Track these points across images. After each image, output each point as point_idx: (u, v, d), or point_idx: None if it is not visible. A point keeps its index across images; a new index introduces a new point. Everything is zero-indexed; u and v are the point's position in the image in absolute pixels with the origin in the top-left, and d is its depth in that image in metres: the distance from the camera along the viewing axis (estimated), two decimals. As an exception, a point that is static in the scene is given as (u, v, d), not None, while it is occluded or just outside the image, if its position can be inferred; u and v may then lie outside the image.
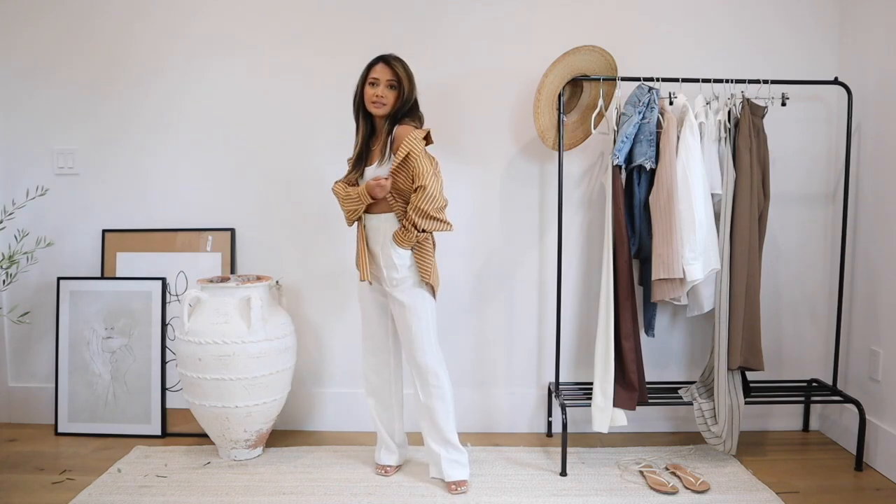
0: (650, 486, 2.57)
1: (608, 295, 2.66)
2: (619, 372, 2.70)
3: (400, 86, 2.46)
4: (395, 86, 2.47)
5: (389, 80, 2.46)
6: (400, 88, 2.47)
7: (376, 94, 2.45)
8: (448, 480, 2.55)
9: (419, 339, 2.50)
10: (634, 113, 2.65)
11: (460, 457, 2.57)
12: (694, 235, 2.59)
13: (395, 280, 2.48)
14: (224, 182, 3.10)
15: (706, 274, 2.64)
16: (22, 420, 3.22)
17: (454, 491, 2.53)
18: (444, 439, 2.55)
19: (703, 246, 2.62)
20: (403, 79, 2.46)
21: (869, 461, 2.78)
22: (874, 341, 2.82)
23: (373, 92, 2.46)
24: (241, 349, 2.67)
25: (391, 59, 2.48)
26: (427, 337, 2.51)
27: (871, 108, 2.84)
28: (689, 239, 2.60)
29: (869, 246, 2.86)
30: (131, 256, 3.12)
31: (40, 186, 2.92)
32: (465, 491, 2.53)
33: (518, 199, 3.07)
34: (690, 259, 2.60)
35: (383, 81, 2.45)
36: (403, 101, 2.47)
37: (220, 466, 2.76)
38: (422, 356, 2.51)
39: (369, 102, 2.48)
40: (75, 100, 3.09)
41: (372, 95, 2.46)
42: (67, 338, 3.10)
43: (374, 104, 2.47)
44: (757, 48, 3.00)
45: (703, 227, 2.61)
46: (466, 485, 2.56)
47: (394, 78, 2.46)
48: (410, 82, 2.48)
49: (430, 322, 2.52)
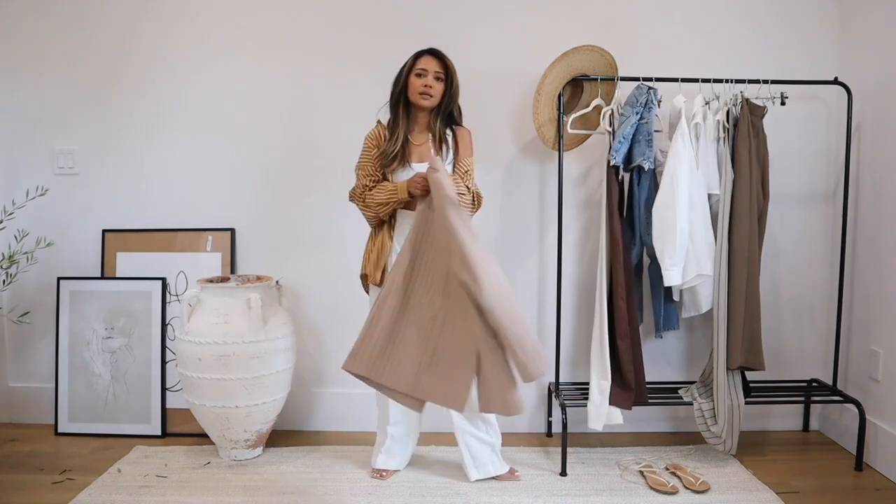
0: (650, 486, 2.57)
1: (601, 294, 2.68)
2: (615, 371, 2.70)
3: (448, 78, 2.46)
4: (441, 78, 2.45)
5: (437, 71, 2.45)
6: (448, 81, 2.46)
7: (424, 85, 2.43)
8: (502, 472, 2.61)
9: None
10: (632, 113, 2.65)
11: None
12: (673, 243, 2.60)
13: None
14: (224, 182, 3.10)
15: (688, 280, 2.65)
16: (22, 420, 3.22)
17: (518, 476, 2.62)
18: (494, 428, 2.60)
19: (683, 253, 2.62)
20: (453, 71, 2.46)
21: (869, 461, 2.78)
22: (874, 341, 2.82)
23: (421, 82, 2.44)
24: (241, 349, 2.67)
25: (438, 51, 2.48)
26: None
27: (871, 108, 2.84)
28: (669, 247, 2.61)
29: (869, 246, 2.86)
30: (131, 256, 3.12)
31: (40, 186, 2.92)
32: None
33: (518, 200, 3.07)
34: (669, 265, 2.62)
35: (431, 72, 2.44)
36: (451, 96, 2.47)
37: (220, 466, 2.76)
38: None
39: (415, 93, 2.45)
40: (75, 99, 3.09)
41: (420, 86, 2.43)
42: (67, 338, 3.10)
43: (423, 95, 2.44)
44: (757, 48, 3.00)
45: (683, 234, 2.61)
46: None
47: (442, 70, 2.45)
48: (456, 77, 2.48)
49: None
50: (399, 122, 2.49)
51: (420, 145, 2.51)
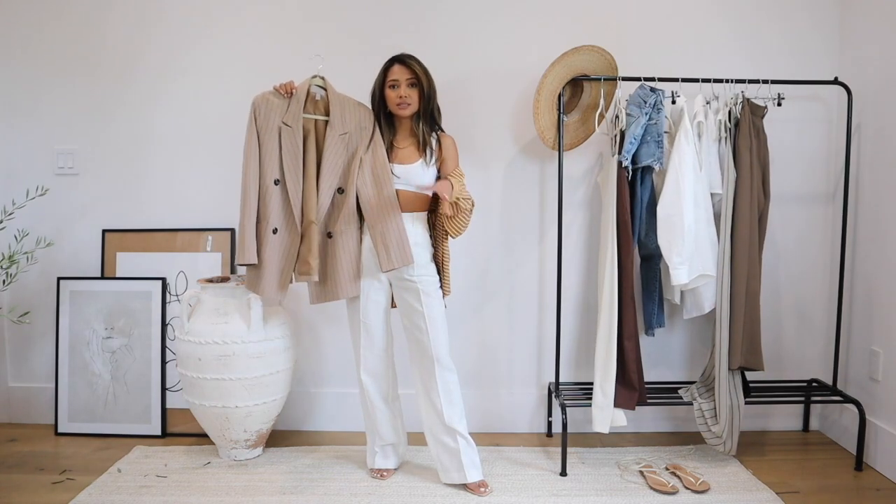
0: (650, 486, 2.57)
1: (612, 294, 2.66)
2: (619, 371, 2.70)
3: (420, 83, 2.46)
4: (415, 84, 2.47)
5: (409, 78, 2.46)
6: (420, 85, 2.47)
7: (399, 96, 2.46)
8: (472, 481, 2.53)
9: (442, 328, 2.53)
10: (641, 114, 2.64)
11: (475, 455, 2.56)
12: (682, 240, 2.60)
13: (420, 266, 2.51)
14: (224, 182, 3.10)
15: (693, 279, 2.65)
16: (22, 420, 3.22)
17: (483, 493, 2.52)
18: (461, 435, 2.53)
19: (691, 250, 2.62)
20: (422, 75, 2.46)
21: (869, 461, 2.78)
22: (874, 341, 2.82)
23: (395, 94, 2.46)
24: (241, 349, 2.67)
25: (405, 57, 2.48)
26: (444, 325, 2.55)
27: (871, 108, 2.83)
28: (678, 244, 2.61)
29: (869, 246, 2.86)
30: (131, 256, 3.12)
31: (40, 186, 2.92)
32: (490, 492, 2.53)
33: (518, 199, 3.07)
34: (677, 263, 2.61)
35: (403, 81, 2.45)
36: (428, 98, 2.48)
37: (220, 466, 2.76)
38: (441, 347, 2.52)
39: (393, 105, 2.48)
40: (75, 100, 3.09)
41: (395, 98, 2.46)
42: (67, 338, 3.10)
43: (400, 106, 2.47)
44: (757, 48, 3.00)
45: (691, 231, 2.61)
46: (487, 486, 2.55)
47: (413, 76, 2.46)
48: (428, 77, 2.49)
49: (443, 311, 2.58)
50: (383, 132, 2.53)
51: (403, 148, 2.55)
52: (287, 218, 2.52)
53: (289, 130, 2.48)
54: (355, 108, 2.54)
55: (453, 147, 2.58)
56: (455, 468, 2.55)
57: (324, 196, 2.49)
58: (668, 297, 2.89)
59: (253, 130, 2.51)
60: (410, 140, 2.55)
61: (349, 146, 2.52)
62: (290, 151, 2.48)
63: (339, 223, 2.51)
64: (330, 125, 2.50)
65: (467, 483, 2.53)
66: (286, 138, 2.48)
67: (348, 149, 2.51)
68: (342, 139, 2.50)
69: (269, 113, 2.49)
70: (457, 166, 2.57)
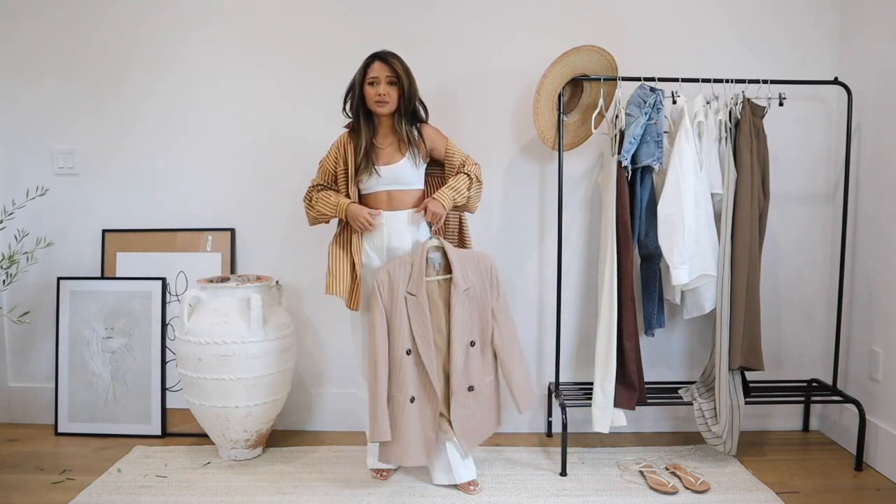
0: (650, 486, 2.57)
1: (612, 294, 2.66)
2: (619, 371, 2.70)
3: (399, 81, 2.46)
4: (394, 82, 2.46)
5: (388, 76, 2.45)
6: (400, 84, 2.46)
7: (378, 93, 2.45)
8: (462, 482, 2.54)
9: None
10: (640, 114, 2.64)
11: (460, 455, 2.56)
12: (682, 239, 2.60)
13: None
14: (224, 182, 3.11)
15: (693, 279, 2.65)
16: (22, 420, 3.22)
17: (472, 491, 2.53)
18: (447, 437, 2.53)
19: (692, 250, 2.62)
20: (402, 74, 2.45)
21: (869, 461, 2.78)
22: (874, 341, 2.81)
23: (374, 91, 2.46)
24: (241, 349, 2.67)
25: (387, 55, 2.47)
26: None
27: (871, 108, 2.84)
28: (678, 244, 2.61)
29: (869, 246, 2.86)
30: (131, 256, 3.12)
31: (40, 186, 2.92)
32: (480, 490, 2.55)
33: (518, 199, 3.07)
34: (678, 263, 2.61)
35: (383, 79, 2.45)
36: (408, 97, 2.47)
37: (220, 466, 2.76)
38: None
39: (372, 102, 2.47)
40: (75, 100, 3.09)
41: (374, 95, 2.46)
42: (67, 338, 3.10)
43: (378, 103, 2.46)
44: (757, 48, 3.00)
45: (691, 230, 2.61)
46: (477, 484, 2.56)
47: (392, 74, 2.45)
48: (409, 76, 2.48)
49: None
50: (361, 130, 2.51)
51: (385, 148, 2.53)
52: (424, 385, 2.48)
53: (413, 299, 2.44)
54: (471, 259, 2.53)
55: (438, 135, 2.57)
56: (443, 470, 2.56)
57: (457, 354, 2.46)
58: (669, 297, 2.89)
59: (380, 307, 2.43)
60: (392, 138, 2.54)
61: (473, 299, 2.50)
62: (418, 320, 2.44)
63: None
64: (454, 283, 2.46)
65: (457, 483, 2.54)
66: (412, 307, 2.44)
67: (472, 302, 2.49)
68: (466, 295, 2.48)
69: (393, 286, 2.44)
70: (457, 151, 2.57)
